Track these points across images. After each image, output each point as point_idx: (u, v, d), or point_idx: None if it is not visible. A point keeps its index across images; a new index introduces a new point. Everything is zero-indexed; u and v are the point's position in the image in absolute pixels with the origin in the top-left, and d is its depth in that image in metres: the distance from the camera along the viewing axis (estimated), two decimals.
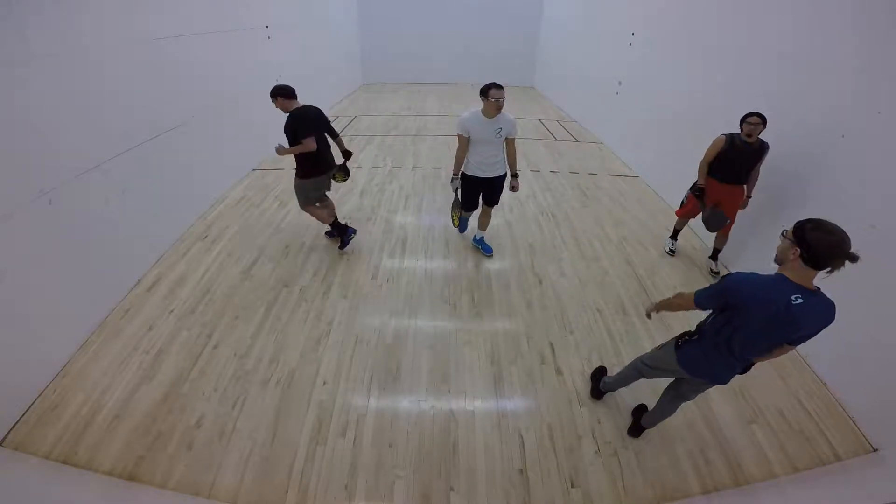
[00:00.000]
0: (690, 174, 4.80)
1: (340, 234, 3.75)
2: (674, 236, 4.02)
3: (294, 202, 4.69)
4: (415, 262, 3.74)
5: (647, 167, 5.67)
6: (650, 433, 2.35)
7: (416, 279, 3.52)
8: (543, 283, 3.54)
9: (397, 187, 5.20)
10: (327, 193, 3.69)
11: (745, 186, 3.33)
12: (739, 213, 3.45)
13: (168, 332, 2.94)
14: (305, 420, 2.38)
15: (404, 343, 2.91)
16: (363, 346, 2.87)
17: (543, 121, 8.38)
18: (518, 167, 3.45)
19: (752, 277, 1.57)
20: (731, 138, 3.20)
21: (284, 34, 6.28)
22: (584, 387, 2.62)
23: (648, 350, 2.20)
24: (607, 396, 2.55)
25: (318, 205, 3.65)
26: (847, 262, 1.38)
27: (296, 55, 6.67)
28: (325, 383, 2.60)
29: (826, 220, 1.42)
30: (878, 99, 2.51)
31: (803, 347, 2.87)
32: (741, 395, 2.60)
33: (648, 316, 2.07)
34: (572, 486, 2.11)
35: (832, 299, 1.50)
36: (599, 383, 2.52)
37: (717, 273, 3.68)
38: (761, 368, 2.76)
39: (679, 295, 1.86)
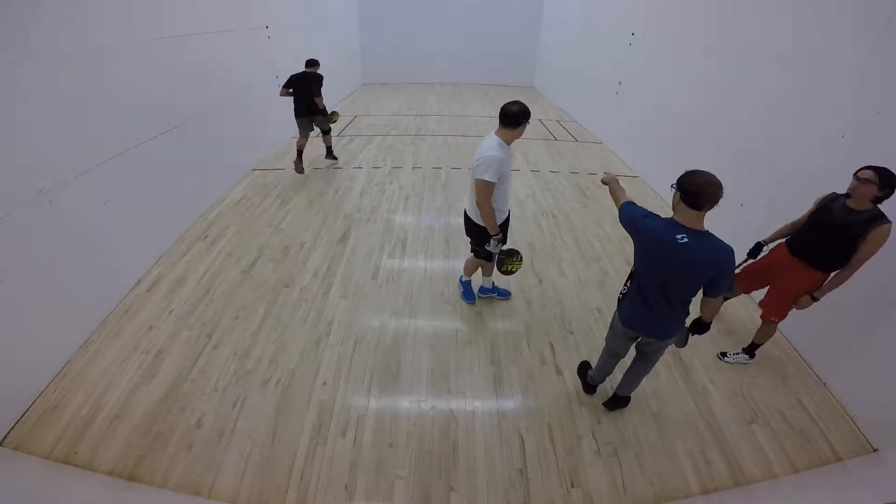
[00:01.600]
0: None
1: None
2: (751, 354, 2.79)
3: (294, 201, 4.73)
4: (415, 262, 3.74)
5: (647, 167, 5.67)
6: (649, 434, 2.35)
7: (416, 279, 3.52)
8: (543, 283, 3.53)
9: (397, 187, 5.20)
10: (311, 133, 5.40)
11: (822, 274, 2.29)
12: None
13: (168, 332, 2.94)
14: (305, 420, 2.37)
15: (404, 343, 2.91)
16: (363, 346, 2.87)
17: (543, 121, 8.38)
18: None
19: (649, 213, 1.77)
20: (831, 198, 2.27)
21: (284, 34, 6.28)
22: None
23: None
24: (600, 389, 2.57)
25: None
26: (719, 200, 1.56)
27: (296, 55, 6.65)
28: (325, 383, 2.60)
29: (701, 170, 1.61)
30: (878, 99, 2.51)
31: (804, 347, 2.89)
32: (741, 395, 2.60)
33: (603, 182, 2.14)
34: (572, 486, 2.11)
35: (729, 244, 1.64)
36: (587, 378, 2.56)
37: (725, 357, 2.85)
38: (762, 369, 2.77)
39: (622, 191, 1.98)
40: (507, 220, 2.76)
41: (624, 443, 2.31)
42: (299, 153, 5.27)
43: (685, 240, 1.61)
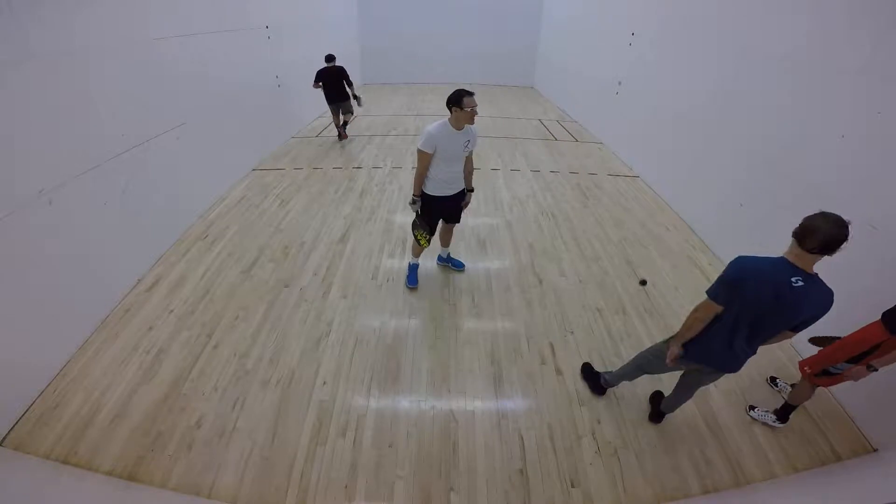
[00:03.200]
0: (691, 174, 4.79)
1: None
2: (783, 417, 2.42)
3: (294, 201, 4.73)
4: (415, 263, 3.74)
5: (647, 167, 5.67)
6: (649, 434, 2.35)
7: (416, 279, 3.52)
8: (543, 283, 3.53)
9: (397, 187, 5.20)
10: (342, 116, 6.61)
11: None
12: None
13: (168, 332, 2.94)
14: (305, 420, 2.37)
15: (404, 343, 2.91)
16: (363, 346, 2.87)
17: (543, 121, 8.38)
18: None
19: (755, 259, 1.64)
20: None
21: (284, 34, 6.28)
22: (585, 387, 2.62)
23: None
24: (609, 391, 2.57)
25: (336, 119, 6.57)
26: (837, 249, 1.47)
27: (296, 55, 6.67)
28: (325, 383, 2.60)
29: (831, 213, 1.51)
30: (878, 99, 2.51)
31: (804, 348, 2.89)
32: (741, 395, 2.60)
33: (673, 361, 1.95)
34: (572, 486, 2.11)
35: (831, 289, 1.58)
36: (600, 379, 2.53)
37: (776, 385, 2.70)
38: (761, 369, 2.77)
39: (693, 311, 1.80)
40: (454, 200, 3.07)
41: (624, 443, 2.31)
42: (338, 126, 6.70)
43: (800, 283, 1.54)
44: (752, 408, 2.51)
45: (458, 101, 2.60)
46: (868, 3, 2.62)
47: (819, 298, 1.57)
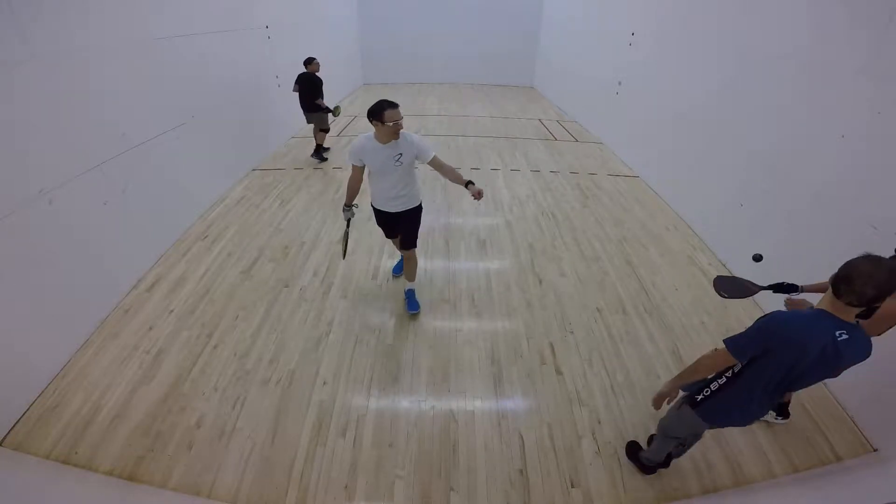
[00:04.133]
0: (691, 174, 4.79)
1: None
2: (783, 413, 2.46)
3: (294, 201, 4.74)
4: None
5: (647, 167, 5.67)
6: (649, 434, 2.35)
7: (415, 279, 3.51)
8: (543, 283, 3.53)
9: None
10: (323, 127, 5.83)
11: None
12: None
13: (168, 332, 2.94)
14: (305, 420, 2.37)
15: (404, 343, 2.91)
16: (363, 346, 2.87)
17: (543, 121, 8.38)
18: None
19: (795, 314, 1.41)
20: None
21: (284, 34, 6.28)
22: (585, 387, 2.62)
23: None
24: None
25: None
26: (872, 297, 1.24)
27: (296, 55, 6.65)
28: (325, 383, 2.60)
29: (877, 255, 1.28)
30: (878, 99, 2.51)
31: None
32: None
33: (658, 404, 1.80)
34: (572, 486, 2.11)
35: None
36: (640, 459, 2.17)
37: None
38: None
39: (703, 358, 1.59)
40: (402, 219, 2.88)
41: (624, 443, 2.31)
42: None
43: (844, 336, 1.34)
44: None
45: (379, 114, 2.36)
46: (868, 3, 2.62)
47: (863, 347, 1.39)
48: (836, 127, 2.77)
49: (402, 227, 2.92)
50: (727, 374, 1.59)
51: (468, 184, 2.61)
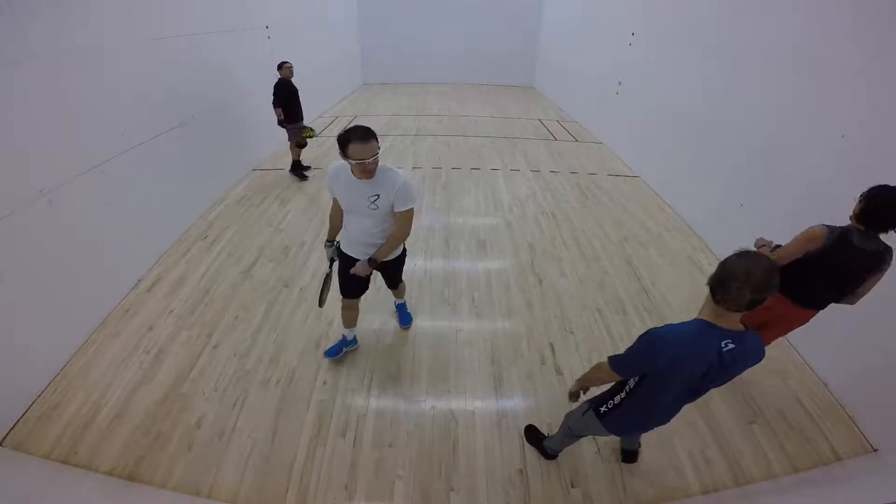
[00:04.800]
0: (691, 174, 4.78)
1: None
2: None
3: (294, 201, 4.73)
4: (415, 262, 3.74)
5: (647, 167, 5.67)
6: (649, 434, 2.35)
7: (415, 279, 3.52)
8: (543, 283, 3.53)
9: None
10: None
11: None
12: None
13: (168, 332, 2.94)
14: (305, 420, 2.37)
15: (404, 343, 2.91)
16: (363, 346, 2.87)
17: (543, 121, 8.38)
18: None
19: (675, 333, 1.33)
20: (841, 235, 1.90)
21: (284, 34, 6.28)
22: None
23: None
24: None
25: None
26: (746, 294, 1.16)
27: (296, 55, 6.64)
28: (325, 383, 2.60)
29: (753, 252, 1.21)
30: (878, 99, 2.51)
31: (804, 348, 2.89)
32: (741, 395, 2.60)
33: (573, 398, 1.84)
34: (572, 486, 2.11)
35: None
36: (543, 447, 2.23)
37: None
38: (761, 370, 2.76)
39: (597, 367, 1.63)
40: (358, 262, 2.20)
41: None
42: (300, 160, 5.42)
43: (731, 346, 1.26)
44: None
45: (343, 146, 1.84)
46: (868, 2, 2.62)
47: (752, 353, 1.31)
48: (836, 127, 2.77)
49: (387, 272, 2.49)
50: (626, 389, 1.57)
51: (371, 259, 2.15)
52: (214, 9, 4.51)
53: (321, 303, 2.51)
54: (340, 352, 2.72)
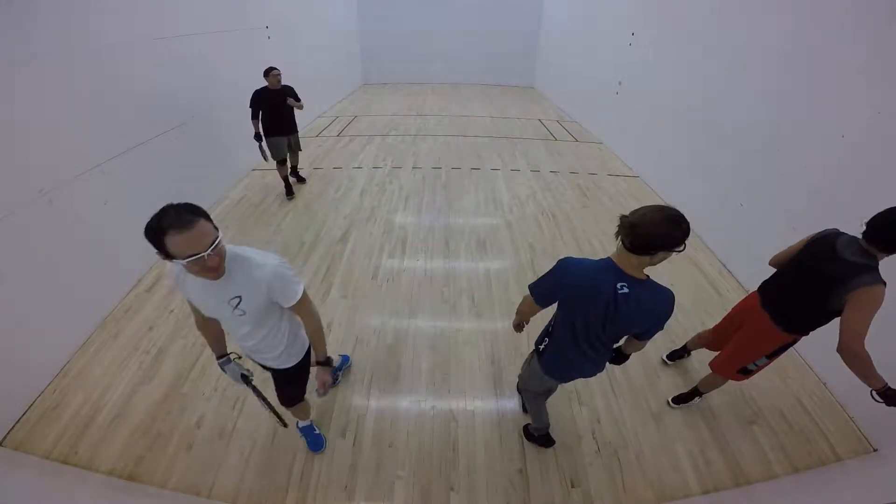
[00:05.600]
0: (691, 174, 4.77)
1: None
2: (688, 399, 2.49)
3: (294, 201, 4.72)
4: (415, 262, 3.74)
5: (647, 167, 5.67)
6: (649, 434, 2.35)
7: (416, 279, 3.52)
8: None
9: (397, 187, 5.20)
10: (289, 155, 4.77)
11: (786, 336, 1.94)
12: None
13: (168, 332, 2.94)
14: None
15: (404, 343, 2.91)
16: (363, 346, 2.87)
17: (543, 121, 8.38)
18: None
19: (581, 262, 1.44)
20: (825, 236, 1.81)
21: (284, 34, 6.28)
22: (585, 387, 2.62)
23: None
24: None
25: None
26: (673, 251, 1.25)
27: (296, 55, 6.66)
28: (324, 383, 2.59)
29: (661, 206, 1.27)
30: (878, 99, 2.51)
31: (804, 349, 2.89)
32: (741, 395, 2.60)
33: (517, 329, 1.93)
34: (572, 486, 2.11)
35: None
36: (530, 432, 2.27)
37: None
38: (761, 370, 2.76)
39: (523, 300, 1.69)
40: (275, 375, 1.88)
41: (624, 443, 2.31)
42: (286, 176, 4.83)
43: (625, 290, 1.33)
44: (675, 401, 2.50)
45: (157, 243, 1.21)
46: (868, 2, 2.62)
47: (651, 307, 1.36)
48: (836, 127, 2.77)
49: (278, 379, 1.91)
50: (551, 324, 1.70)
51: (319, 362, 1.80)
52: (214, 9, 4.51)
53: (285, 424, 2.01)
54: (320, 440, 2.24)
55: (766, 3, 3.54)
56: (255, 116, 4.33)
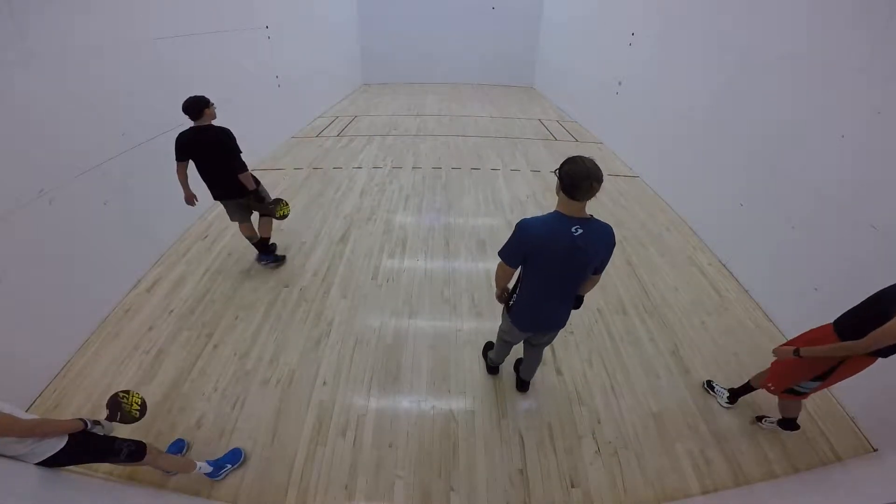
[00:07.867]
0: (691, 174, 4.78)
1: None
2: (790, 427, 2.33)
3: (294, 201, 4.72)
4: (415, 262, 3.74)
5: (647, 167, 5.67)
6: (649, 434, 2.36)
7: (416, 279, 3.52)
8: None
9: (397, 187, 5.20)
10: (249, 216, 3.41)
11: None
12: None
13: (168, 332, 2.94)
14: (305, 420, 2.37)
15: (404, 343, 2.91)
16: (363, 346, 2.87)
17: (543, 121, 8.37)
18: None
19: (537, 219, 1.67)
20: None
21: (284, 34, 6.28)
22: (585, 387, 2.62)
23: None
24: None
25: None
26: (595, 185, 1.51)
27: (296, 55, 6.67)
28: (325, 383, 2.60)
29: (583, 158, 1.55)
30: (878, 99, 2.51)
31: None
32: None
33: (500, 300, 2.08)
34: (572, 486, 2.11)
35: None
36: (487, 360, 2.67)
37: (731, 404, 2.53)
38: (762, 369, 2.77)
39: (497, 266, 1.88)
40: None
41: (624, 443, 2.31)
42: (252, 238, 3.48)
43: (579, 230, 1.60)
44: (759, 419, 2.43)
45: None
46: (868, 2, 2.62)
47: (602, 237, 1.65)
48: (836, 127, 2.77)
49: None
50: (519, 278, 1.91)
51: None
52: (215, 9, 4.51)
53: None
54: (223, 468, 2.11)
55: (766, 3, 3.54)
56: (183, 167, 3.03)
